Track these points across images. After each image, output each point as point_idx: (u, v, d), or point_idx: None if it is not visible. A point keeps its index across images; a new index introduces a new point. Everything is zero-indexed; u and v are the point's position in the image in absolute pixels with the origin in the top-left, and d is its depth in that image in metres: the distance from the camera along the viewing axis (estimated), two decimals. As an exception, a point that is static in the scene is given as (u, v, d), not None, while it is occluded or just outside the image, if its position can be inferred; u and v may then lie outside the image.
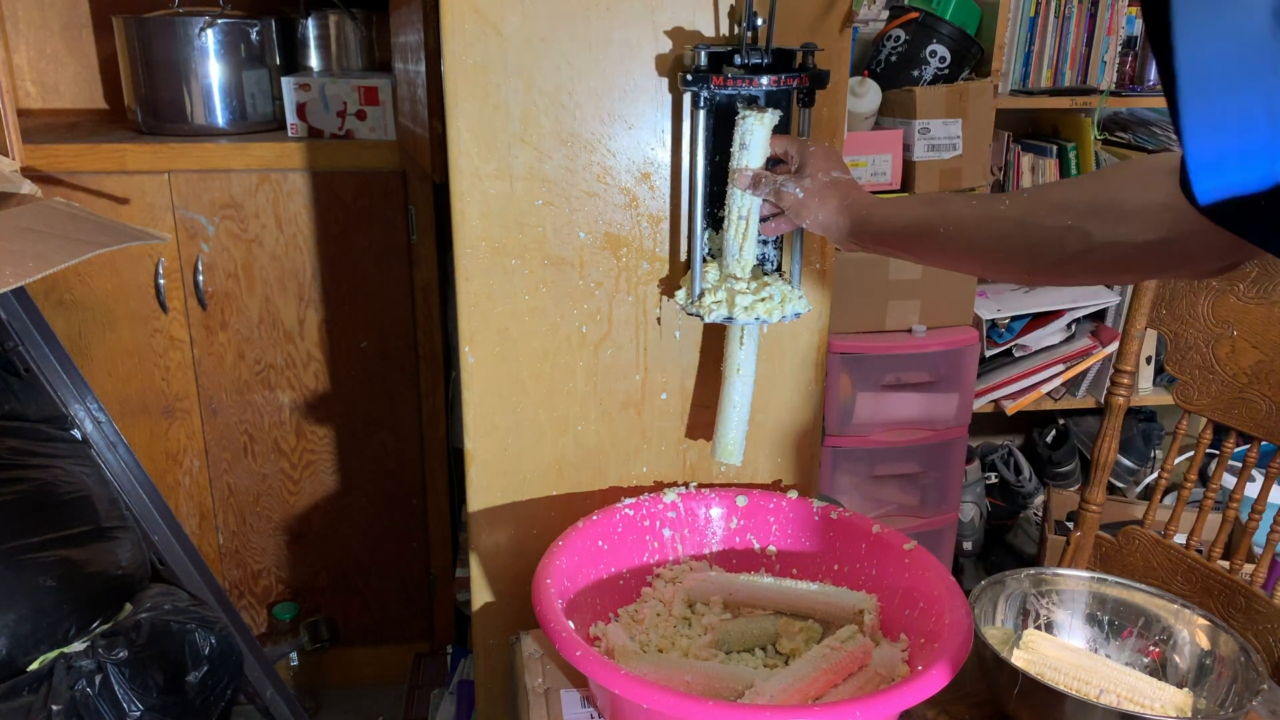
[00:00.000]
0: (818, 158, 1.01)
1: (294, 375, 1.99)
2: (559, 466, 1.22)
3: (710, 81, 1.03)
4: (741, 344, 1.13)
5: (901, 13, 2.11)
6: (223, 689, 1.44)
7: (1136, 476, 2.50)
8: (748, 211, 1.06)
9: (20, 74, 2.19)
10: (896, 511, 2.18)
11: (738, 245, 1.08)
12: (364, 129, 1.93)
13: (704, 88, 1.04)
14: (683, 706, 0.83)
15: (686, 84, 1.04)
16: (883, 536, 1.11)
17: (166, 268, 1.89)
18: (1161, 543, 1.42)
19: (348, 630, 2.18)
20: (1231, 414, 1.34)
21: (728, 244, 1.08)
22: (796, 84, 1.05)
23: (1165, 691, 1.02)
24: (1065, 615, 1.13)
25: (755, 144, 1.04)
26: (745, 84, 1.03)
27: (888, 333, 2.07)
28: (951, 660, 0.89)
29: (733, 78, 1.03)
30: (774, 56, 1.06)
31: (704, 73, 1.03)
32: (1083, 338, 2.37)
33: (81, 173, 1.84)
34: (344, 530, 2.11)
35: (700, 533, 1.19)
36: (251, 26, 1.96)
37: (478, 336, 1.15)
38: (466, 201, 1.11)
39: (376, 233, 1.93)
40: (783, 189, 1.01)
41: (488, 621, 1.26)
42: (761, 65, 1.05)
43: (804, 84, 1.05)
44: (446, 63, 1.06)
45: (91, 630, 1.37)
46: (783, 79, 1.04)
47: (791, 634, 1.05)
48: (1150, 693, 1.01)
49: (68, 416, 1.45)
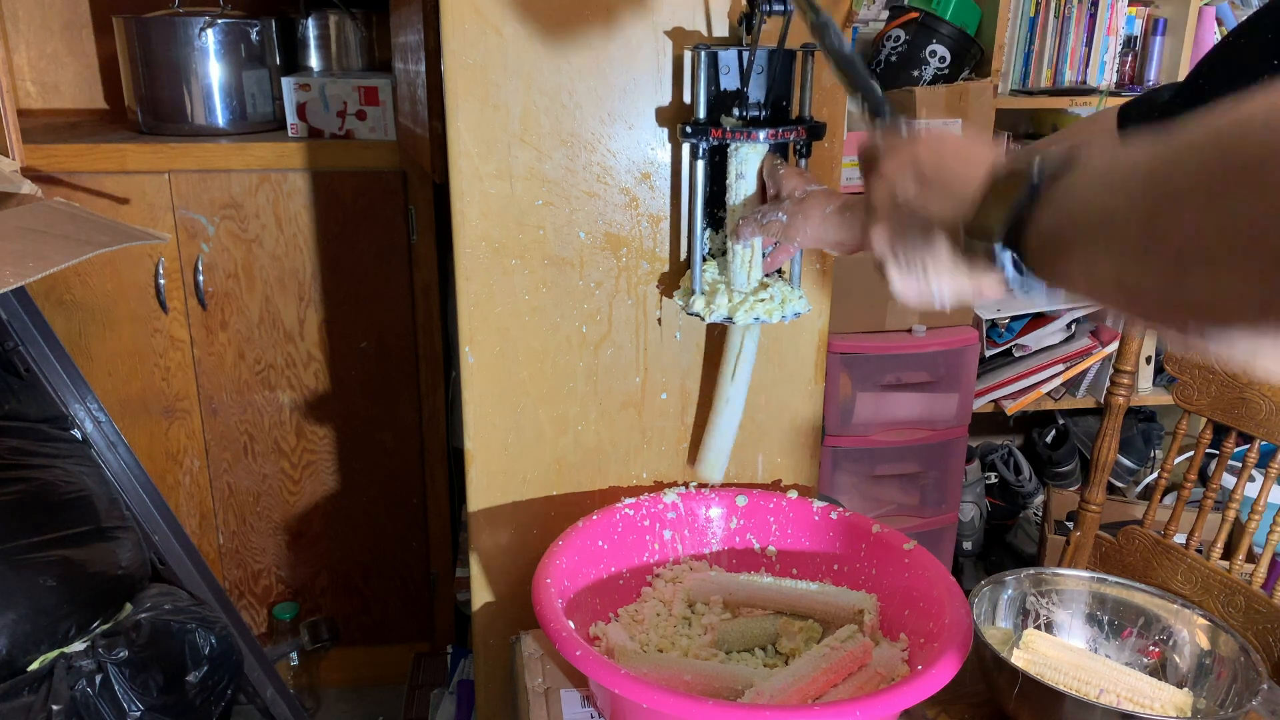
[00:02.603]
0: (789, 178, 1.02)
1: (294, 375, 1.99)
2: (559, 466, 1.22)
3: (709, 134, 1.04)
4: (740, 351, 1.12)
5: (901, 13, 2.11)
6: (223, 689, 1.44)
7: (1136, 476, 2.50)
8: (752, 244, 1.07)
9: (20, 74, 2.19)
10: (896, 511, 2.18)
11: (745, 274, 1.08)
12: (364, 129, 1.93)
13: (703, 139, 1.05)
14: (683, 706, 0.83)
15: (685, 135, 1.05)
16: (883, 536, 1.11)
17: (166, 268, 1.89)
18: (1161, 543, 1.42)
19: (348, 630, 2.18)
20: (1231, 414, 1.34)
21: (734, 273, 1.08)
22: (794, 136, 1.05)
23: (1165, 691, 1.02)
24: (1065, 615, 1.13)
25: (751, 173, 1.06)
26: (743, 137, 1.03)
27: (888, 333, 2.07)
28: (951, 660, 0.89)
29: (731, 130, 1.04)
30: (772, 109, 1.07)
31: (703, 125, 1.04)
32: (1082, 337, 2.37)
33: (81, 173, 1.84)
34: (344, 530, 2.11)
35: (700, 533, 1.19)
36: (251, 26, 1.97)
37: (478, 336, 1.15)
38: (466, 201, 1.11)
39: (376, 233, 1.93)
40: (766, 220, 1.02)
41: (488, 621, 1.26)
42: (760, 119, 1.06)
43: (801, 136, 1.05)
44: (446, 63, 1.06)
45: (91, 630, 1.37)
46: (780, 131, 1.04)
47: (791, 634, 1.05)
48: (1150, 692, 1.01)
49: (68, 416, 1.45)
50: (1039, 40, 2.25)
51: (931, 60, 2.06)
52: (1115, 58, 2.27)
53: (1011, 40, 2.23)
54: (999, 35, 2.11)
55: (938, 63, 2.07)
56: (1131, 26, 2.30)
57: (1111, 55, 2.26)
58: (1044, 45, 2.25)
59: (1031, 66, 2.26)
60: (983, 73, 2.13)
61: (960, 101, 2.01)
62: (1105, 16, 2.23)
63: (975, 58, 2.11)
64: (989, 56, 2.12)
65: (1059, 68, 2.27)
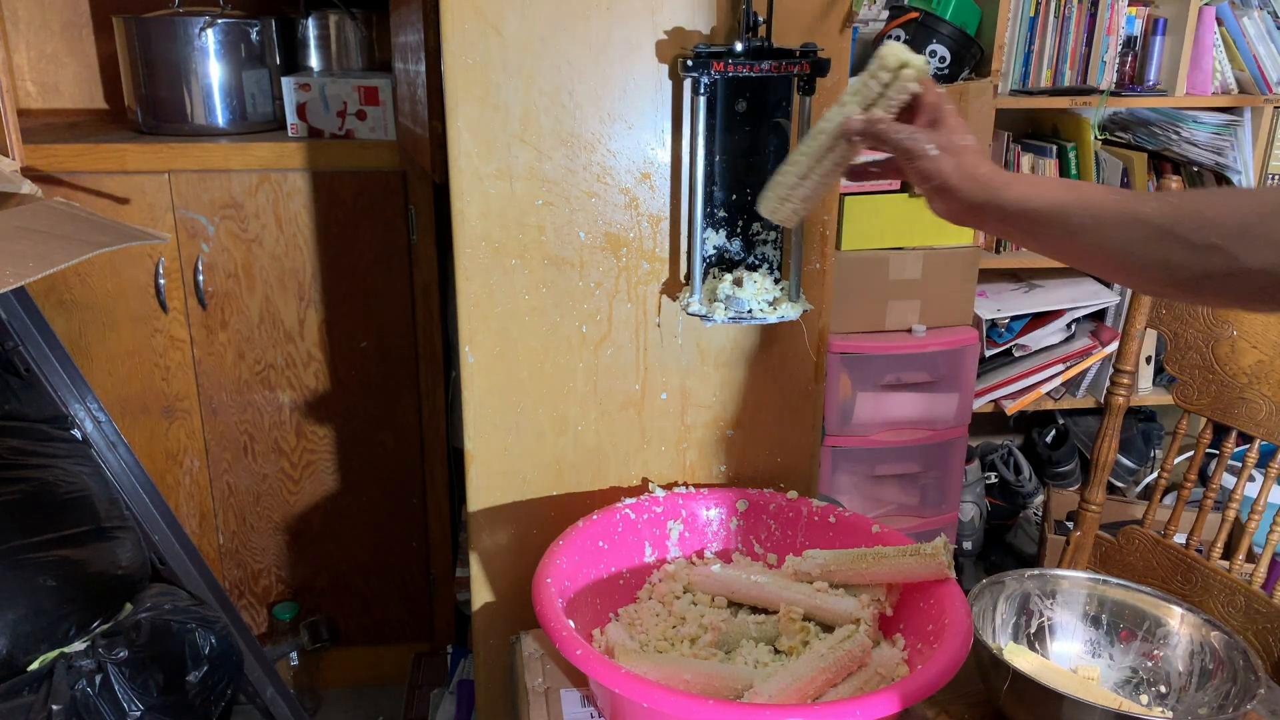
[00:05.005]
0: (954, 118, 0.91)
1: (294, 375, 1.99)
2: (559, 466, 1.22)
3: (710, 67, 1.03)
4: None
5: (901, 13, 2.11)
6: (223, 689, 1.44)
7: (1136, 476, 2.50)
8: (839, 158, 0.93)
9: (20, 74, 2.19)
10: (896, 511, 2.18)
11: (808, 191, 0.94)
12: (364, 129, 1.93)
13: (704, 74, 1.04)
14: (683, 706, 0.83)
15: (687, 69, 1.04)
16: (883, 536, 1.11)
17: (166, 268, 1.89)
18: (1161, 543, 1.42)
19: (348, 630, 2.18)
20: (1231, 414, 1.34)
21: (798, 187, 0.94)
22: (797, 70, 1.04)
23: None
24: (1065, 616, 1.13)
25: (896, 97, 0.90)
26: (746, 69, 1.02)
27: (888, 332, 2.07)
28: (951, 660, 0.89)
29: (733, 62, 1.03)
30: (773, 54, 1.06)
31: (704, 58, 1.03)
32: (1082, 337, 2.37)
33: (81, 173, 1.84)
34: (344, 530, 2.11)
35: (700, 533, 1.19)
36: (251, 26, 1.97)
37: (478, 336, 1.15)
38: (466, 201, 1.11)
39: (376, 233, 1.93)
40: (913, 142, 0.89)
41: (488, 621, 1.26)
42: (763, 49, 1.05)
43: (804, 70, 1.05)
44: (446, 63, 1.06)
45: (91, 630, 1.37)
46: (784, 64, 1.03)
47: (791, 634, 1.05)
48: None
49: (68, 416, 1.45)
50: (1039, 40, 2.24)
51: (931, 60, 2.06)
52: (1115, 58, 2.27)
53: (1011, 40, 2.23)
54: (999, 35, 2.11)
55: (938, 63, 2.07)
56: (1131, 26, 2.30)
57: (1111, 55, 2.26)
58: (1044, 45, 2.25)
59: (1031, 66, 2.26)
60: (983, 73, 2.13)
61: (960, 101, 2.01)
62: (1105, 16, 2.23)
63: (975, 57, 2.11)
64: (989, 56, 2.12)
65: (1059, 68, 2.27)
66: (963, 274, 2.07)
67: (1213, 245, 0.72)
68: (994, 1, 2.10)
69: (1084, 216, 0.80)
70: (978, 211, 0.87)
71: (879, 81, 0.91)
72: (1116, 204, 0.79)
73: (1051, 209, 0.82)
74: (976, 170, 0.87)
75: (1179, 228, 0.75)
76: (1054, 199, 0.82)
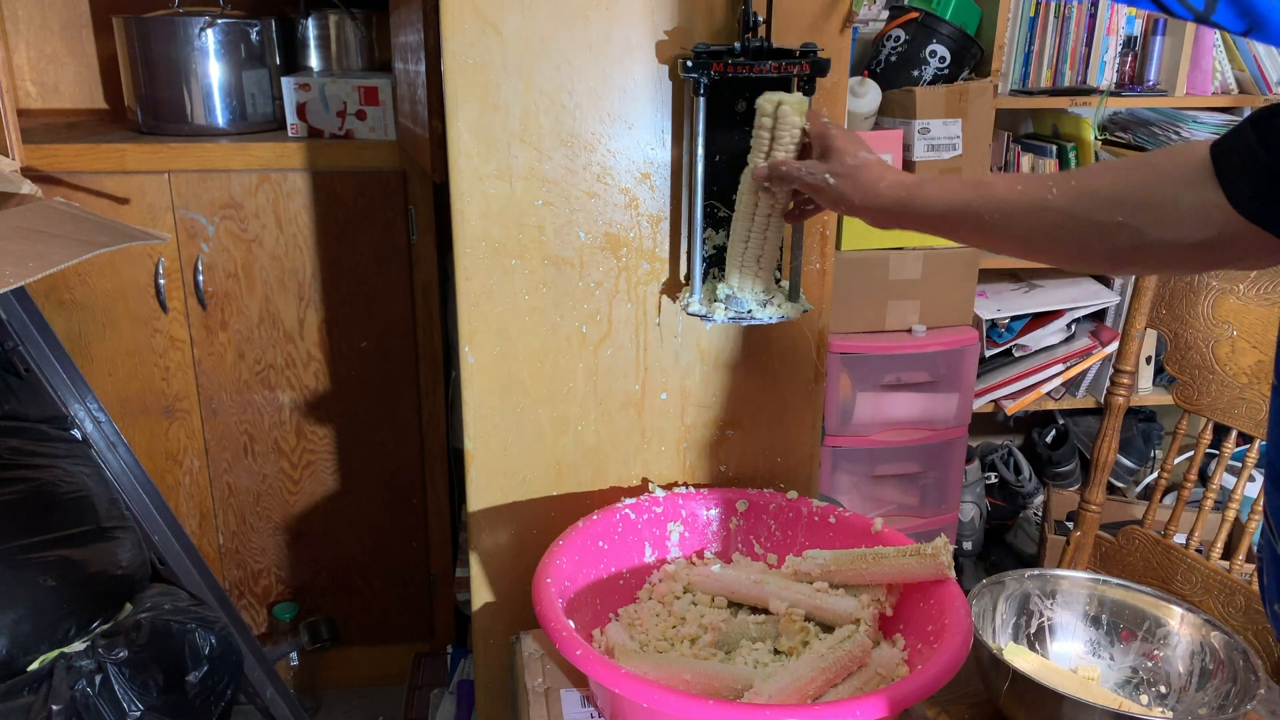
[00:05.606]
0: (843, 139, 0.96)
1: (294, 375, 1.99)
2: (559, 466, 1.22)
3: (710, 67, 1.03)
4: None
5: (901, 13, 2.11)
6: (223, 689, 1.44)
7: (1136, 476, 2.50)
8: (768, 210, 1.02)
9: (20, 74, 2.19)
10: (896, 511, 2.18)
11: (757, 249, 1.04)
12: (364, 129, 1.93)
13: (704, 74, 1.04)
14: (683, 706, 0.83)
15: (687, 70, 1.04)
16: (882, 536, 1.11)
17: (166, 268, 1.89)
18: (1161, 543, 1.42)
19: (348, 630, 2.18)
20: (1231, 414, 1.34)
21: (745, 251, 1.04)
22: (797, 71, 1.04)
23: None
24: (1065, 616, 1.13)
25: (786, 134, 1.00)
26: (746, 70, 1.03)
27: (887, 333, 2.07)
28: (951, 660, 0.89)
29: (733, 64, 1.03)
30: (773, 55, 1.06)
31: (704, 58, 1.03)
32: (1082, 338, 2.37)
33: (81, 173, 1.84)
34: (344, 530, 2.11)
35: (700, 533, 1.19)
36: (251, 26, 1.97)
37: (478, 336, 1.15)
38: (466, 201, 1.11)
39: (376, 233, 1.93)
40: (811, 176, 0.95)
41: (488, 621, 1.26)
42: (763, 50, 1.05)
43: (804, 71, 1.05)
44: (446, 63, 1.06)
45: (91, 630, 1.37)
46: (784, 65, 1.03)
47: (791, 634, 1.05)
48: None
49: (68, 416, 1.45)
50: (1039, 40, 2.24)
51: (931, 60, 2.06)
52: (1115, 58, 2.27)
53: (1011, 40, 2.23)
54: (999, 35, 2.11)
55: (938, 63, 2.07)
56: (1131, 26, 2.30)
57: (1111, 55, 2.26)
58: (1044, 45, 2.25)
59: (1031, 66, 2.26)
60: (983, 73, 2.13)
61: (960, 101, 2.01)
62: (1105, 16, 2.23)
63: (975, 58, 2.11)
64: (989, 56, 2.12)
65: (1059, 68, 2.27)
66: (962, 274, 2.07)
67: (1118, 224, 0.75)
68: (994, 1, 2.10)
69: (992, 212, 0.83)
70: (894, 219, 0.92)
71: (764, 127, 1.00)
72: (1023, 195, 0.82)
73: (960, 208, 0.86)
74: (878, 185, 0.92)
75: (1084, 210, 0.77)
76: (959, 199, 0.86)
